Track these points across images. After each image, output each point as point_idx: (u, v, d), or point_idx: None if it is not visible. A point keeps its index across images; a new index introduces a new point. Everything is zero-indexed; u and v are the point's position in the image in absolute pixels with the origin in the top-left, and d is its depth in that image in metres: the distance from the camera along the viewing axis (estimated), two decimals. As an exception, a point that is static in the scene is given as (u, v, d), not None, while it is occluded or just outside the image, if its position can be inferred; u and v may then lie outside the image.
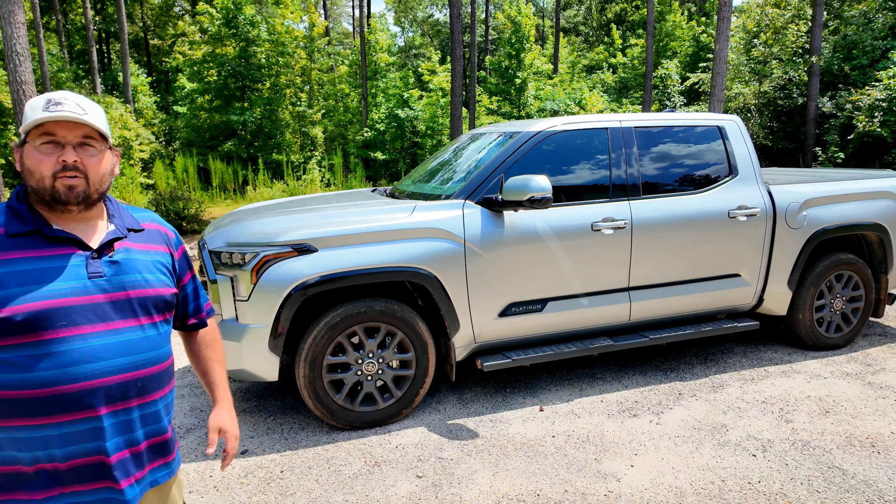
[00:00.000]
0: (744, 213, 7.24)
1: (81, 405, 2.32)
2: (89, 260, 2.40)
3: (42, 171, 2.33)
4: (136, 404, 2.49)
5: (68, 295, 2.31)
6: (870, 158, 22.72)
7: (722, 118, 7.65)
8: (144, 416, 2.53)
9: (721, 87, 20.31)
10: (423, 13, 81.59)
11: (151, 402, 2.55)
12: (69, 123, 2.36)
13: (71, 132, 2.37)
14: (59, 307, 2.28)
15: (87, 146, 2.41)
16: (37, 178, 2.34)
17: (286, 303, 5.73)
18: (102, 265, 2.42)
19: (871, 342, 8.37)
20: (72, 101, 2.37)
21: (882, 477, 5.16)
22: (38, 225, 2.36)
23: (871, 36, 25.66)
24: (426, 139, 34.30)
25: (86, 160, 2.40)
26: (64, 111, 2.33)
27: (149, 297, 2.53)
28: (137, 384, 2.47)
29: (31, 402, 2.26)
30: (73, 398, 2.30)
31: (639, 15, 53.52)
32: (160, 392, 2.60)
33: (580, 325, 6.91)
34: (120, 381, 2.41)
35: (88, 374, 2.32)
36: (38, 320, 2.25)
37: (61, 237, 2.38)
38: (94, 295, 2.37)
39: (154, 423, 2.59)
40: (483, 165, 6.72)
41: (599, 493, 5.01)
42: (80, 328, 2.32)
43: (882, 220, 7.94)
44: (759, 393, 6.82)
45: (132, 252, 2.54)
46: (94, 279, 2.38)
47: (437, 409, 6.62)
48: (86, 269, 2.38)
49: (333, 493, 5.09)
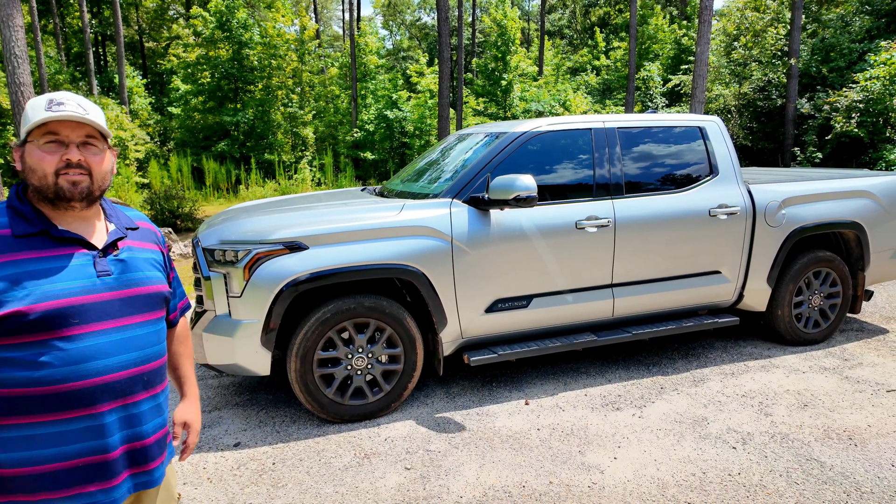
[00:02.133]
0: (724, 212, 7.25)
1: (91, 401, 2.33)
2: (96, 259, 2.41)
3: (45, 168, 2.33)
4: (144, 398, 2.51)
5: (80, 293, 2.32)
6: (847, 158, 22.81)
7: (703, 119, 7.66)
8: (151, 409, 2.55)
9: (702, 89, 20.37)
10: (412, 16, 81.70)
11: (155, 396, 2.58)
12: (72, 123, 2.36)
13: (74, 131, 2.36)
14: (71, 305, 2.29)
15: (89, 145, 2.41)
16: (39, 175, 2.34)
17: (278, 299, 5.73)
18: (109, 264, 2.44)
19: (848, 337, 8.39)
20: (73, 102, 2.37)
21: (859, 469, 5.17)
22: (44, 226, 2.35)
23: (848, 39, 25.81)
24: (414, 139, 34.37)
25: (89, 158, 2.40)
26: (67, 111, 2.33)
27: (152, 294, 2.56)
28: (144, 378, 2.50)
29: (43, 399, 2.26)
30: (83, 394, 2.31)
31: (622, 18, 53.59)
32: (162, 385, 2.63)
33: (564, 320, 6.92)
34: (128, 377, 2.43)
35: (100, 370, 2.34)
36: (53, 318, 2.25)
37: (67, 237, 2.37)
38: (104, 293, 2.38)
39: (159, 415, 2.61)
40: (470, 165, 6.71)
41: (583, 485, 5.01)
42: (92, 325, 2.33)
43: (859, 219, 7.96)
44: (739, 387, 6.83)
45: (134, 250, 2.57)
46: (103, 277, 2.40)
47: (425, 403, 6.61)
48: (94, 268, 2.39)
49: (324, 485, 5.09)
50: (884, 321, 9.11)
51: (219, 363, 5.94)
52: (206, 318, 5.95)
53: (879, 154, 20.65)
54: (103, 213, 2.58)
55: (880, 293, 10.58)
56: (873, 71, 21.35)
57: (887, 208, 8.17)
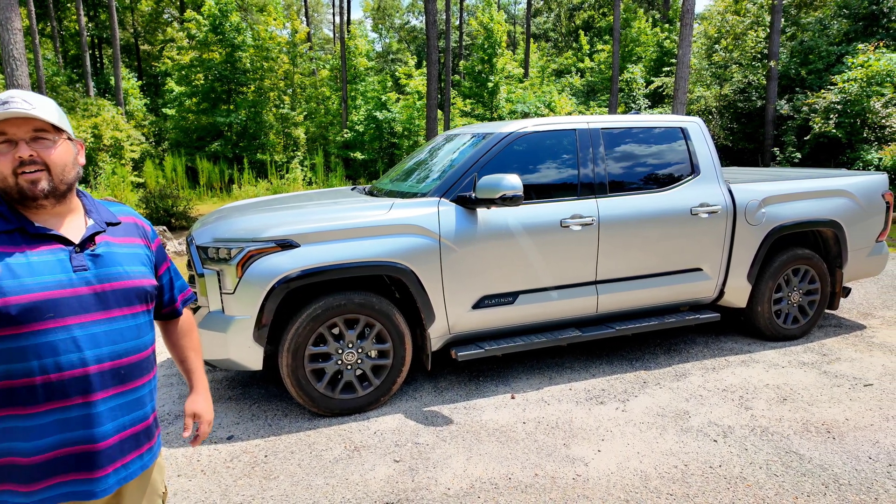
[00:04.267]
0: (705, 211, 7.26)
1: (70, 393, 2.31)
2: (73, 254, 2.38)
3: (2, 169, 2.32)
4: (122, 391, 2.47)
5: (55, 288, 2.30)
6: (825, 158, 22.86)
7: (684, 120, 7.67)
8: (129, 403, 2.51)
9: (684, 91, 20.39)
10: (401, 20, 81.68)
11: (135, 389, 2.54)
12: (17, 120, 2.32)
13: (20, 128, 2.33)
14: (47, 299, 2.27)
15: (41, 139, 2.38)
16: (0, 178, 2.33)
17: (270, 295, 5.74)
18: (86, 259, 2.41)
19: (826, 333, 8.41)
20: (19, 98, 2.34)
21: (837, 461, 5.19)
22: (20, 223, 2.34)
23: (826, 42, 25.88)
24: (403, 140, 34.40)
25: (42, 153, 2.36)
26: (11, 108, 2.29)
27: (130, 289, 2.51)
28: (121, 372, 2.46)
29: (22, 391, 2.25)
30: (61, 386, 2.29)
31: (605, 22, 53.61)
32: (143, 379, 2.59)
33: (550, 316, 6.92)
34: (105, 370, 2.40)
35: (75, 362, 2.31)
36: (28, 312, 2.23)
37: (43, 234, 2.37)
38: (79, 287, 2.36)
39: (139, 409, 2.57)
40: (457, 165, 6.72)
41: (568, 477, 5.02)
42: (67, 319, 2.31)
43: (837, 217, 7.99)
44: (720, 381, 6.85)
45: (112, 245, 2.52)
46: (79, 272, 2.37)
47: (414, 397, 6.61)
48: (70, 263, 2.36)
49: (315, 477, 5.09)
50: (861, 317, 9.14)
51: (212, 358, 5.93)
52: (200, 314, 5.95)
53: (857, 154, 20.71)
54: (83, 209, 2.56)
55: (858, 290, 10.61)
56: (851, 73, 21.42)
57: (864, 207, 8.20)
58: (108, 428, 2.42)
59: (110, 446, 2.44)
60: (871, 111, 20.93)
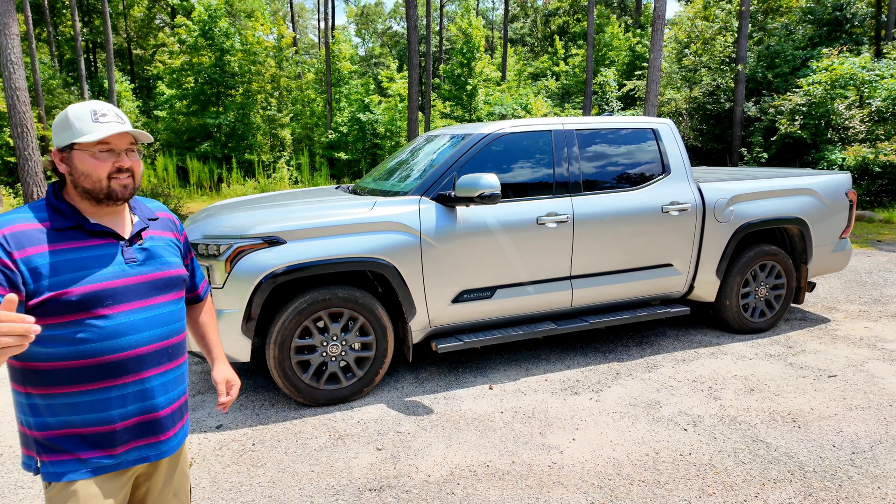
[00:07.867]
0: (676, 208, 7.28)
1: (129, 370, 2.52)
2: (124, 248, 2.56)
3: (100, 173, 2.47)
4: (171, 367, 2.69)
5: (111, 278, 2.48)
6: (791, 158, 22.96)
7: (655, 121, 7.69)
8: (176, 378, 2.74)
9: (655, 93, 20.42)
10: (383, 25, 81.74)
11: (179, 366, 2.76)
12: (121, 134, 2.51)
13: (122, 141, 2.52)
14: (105, 289, 2.45)
15: (132, 151, 2.57)
16: (93, 179, 2.48)
17: (257, 290, 5.74)
18: (135, 252, 2.60)
19: (792, 326, 8.46)
20: (113, 113, 2.53)
21: (802, 449, 5.22)
22: (78, 220, 2.49)
23: (792, 46, 26.01)
24: (385, 141, 34.33)
25: (133, 163, 2.56)
26: (115, 125, 2.48)
27: (172, 277, 2.71)
28: (169, 351, 2.68)
29: (86, 370, 2.44)
30: (120, 365, 2.49)
31: (580, 27, 53.52)
32: (183, 357, 2.81)
33: (526, 310, 6.93)
34: (158, 349, 2.61)
35: (132, 343, 2.52)
36: (90, 300, 2.40)
37: (99, 230, 2.52)
38: (131, 277, 2.55)
39: (182, 384, 2.80)
40: (437, 165, 6.72)
41: (544, 465, 5.03)
42: (123, 306, 2.50)
43: (802, 215, 8.02)
44: (690, 373, 6.87)
45: (155, 239, 2.72)
46: (131, 264, 2.56)
47: (396, 388, 6.61)
48: (122, 256, 2.54)
49: (301, 464, 5.09)
50: (826, 311, 9.19)
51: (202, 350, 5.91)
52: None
53: (821, 154, 20.81)
54: (128, 206, 2.73)
55: (822, 285, 10.67)
56: (815, 76, 21.54)
57: (829, 205, 8.25)
58: (161, 400, 2.65)
59: (168, 414, 2.68)
60: (834, 113, 21.05)
